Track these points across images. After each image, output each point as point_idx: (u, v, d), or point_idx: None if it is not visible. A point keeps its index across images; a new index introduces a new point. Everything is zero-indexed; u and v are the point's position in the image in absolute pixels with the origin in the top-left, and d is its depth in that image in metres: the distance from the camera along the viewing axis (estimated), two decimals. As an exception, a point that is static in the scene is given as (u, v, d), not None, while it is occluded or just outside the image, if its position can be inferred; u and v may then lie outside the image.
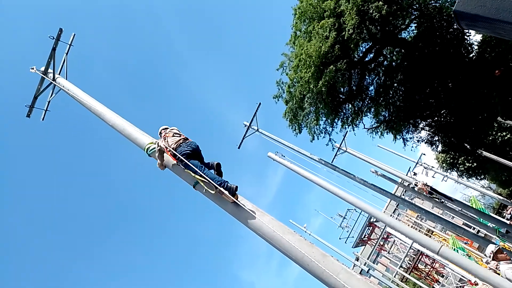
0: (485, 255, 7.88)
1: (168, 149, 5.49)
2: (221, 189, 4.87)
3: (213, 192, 5.00)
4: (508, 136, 25.15)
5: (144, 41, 70.64)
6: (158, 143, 5.65)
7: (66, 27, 8.45)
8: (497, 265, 7.97)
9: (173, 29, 74.60)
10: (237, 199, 4.91)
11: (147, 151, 6.08)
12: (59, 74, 8.65)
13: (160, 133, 5.93)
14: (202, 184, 5.12)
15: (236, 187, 4.91)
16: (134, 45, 68.52)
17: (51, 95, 8.84)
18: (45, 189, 53.47)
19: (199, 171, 5.07)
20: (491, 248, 7.11)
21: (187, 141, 5.63)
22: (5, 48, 41.78)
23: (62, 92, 8.44)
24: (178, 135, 5.72)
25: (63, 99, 8.71)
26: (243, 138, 18.76)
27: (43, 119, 9.03)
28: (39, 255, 50.98)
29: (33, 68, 8.50)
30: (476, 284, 22.73)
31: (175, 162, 5.56)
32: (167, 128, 5.95)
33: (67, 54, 8.82)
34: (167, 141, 5.59)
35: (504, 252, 6.96)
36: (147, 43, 71.16)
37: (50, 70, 8.65)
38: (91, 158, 61.45)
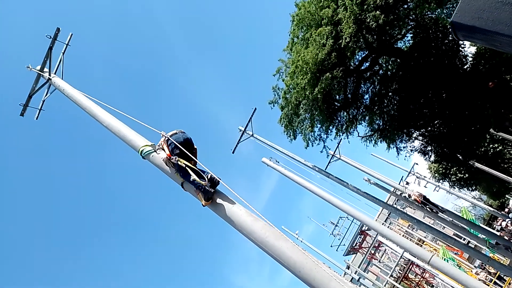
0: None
1: (164, 139, 5.51)
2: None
3: (203, 183, 5.02)
4: (500, 148, 25.45)
5: (142, 43, 70.53)
6: (159, 144, 5.69)
7: (64, 27, 8.43)
8: None
9: (171, 32, 74.63)
10: (210, 203, 5.07)
11: (141, 153, 6.04)
12: (55, 73, 8.61)
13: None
14: (194, 175, 5.02)
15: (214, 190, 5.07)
16: (131, 47, 68.35)
17: (46, 94, 8.80)
18: (38, 189, 52.92)
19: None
20: None
21: (183, 133, 5.59)
22: (1, 46, 41.47)
23: (57, 91, 8.40)
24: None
25: (58, 99, 8.66)
26: (238, 143, 18.74)
27: (37, 118, 8.97)
28: (33, 255, 50.34)
29: (29, 67, 8.46)
30: (466, 295, 22.83)
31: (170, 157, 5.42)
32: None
33: (63, 53, 8.79)
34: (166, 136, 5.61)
35: None
36: (145, 45, 71.04)
37: (46, 69, 8.62)
38: (85, 158, 60.96)
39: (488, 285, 20.41)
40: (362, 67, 17.24)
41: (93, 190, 62.68)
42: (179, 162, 5.17)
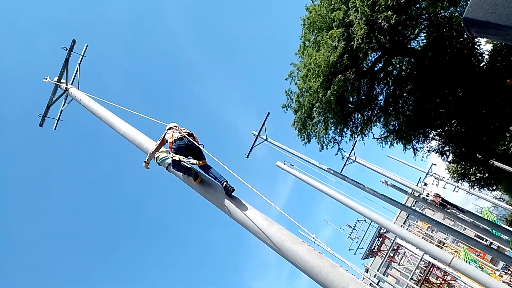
0: None
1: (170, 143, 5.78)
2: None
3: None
4: (521, 146, 24.76)
5: (156, 50, 71.63)
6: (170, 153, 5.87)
7: (80, 38, 8.62)
8: None
9: (185, 39, 75.58)
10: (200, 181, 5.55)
11: (156, 160, 6.12)
12: (71, 84, 8.80)
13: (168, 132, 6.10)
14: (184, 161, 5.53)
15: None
16: (146, 55, 69.47)
17: (64, 105, 9.00)
18: (57, 198, 53.98)
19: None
20: None
21: (183, 139, 5.77)
22: (19, 58, 42.69)
23: (74, 102, 8.58)
24: (178, 132, 5.90)
25: (75, 109, 8.85)
26: (252, 148, 18.75)
27: (55, 128, 9.18)
28: (52, 261, 51.32)
29: (46, 78, 8.67)
30: (490, 298, 22.22)
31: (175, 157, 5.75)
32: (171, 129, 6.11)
33: (79, 64, 8.99)
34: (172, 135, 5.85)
35: None
36: (160, 52, 72.11)
37: (63, 80, 8.82)
38: (103, 166, 61.95)
39: (513, 287, 19.81)
40: (376, 68, 17.09)
41: (111, 196, 63.63)
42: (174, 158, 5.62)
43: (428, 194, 16.70)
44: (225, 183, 5.26)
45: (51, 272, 50.73)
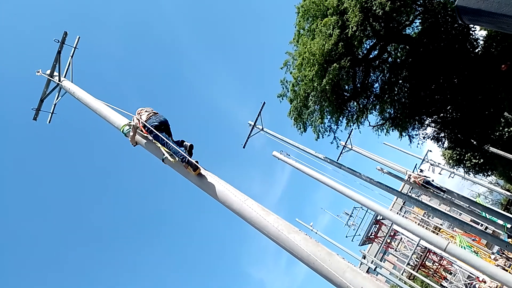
0: None
1: (140, 122, 5.84)
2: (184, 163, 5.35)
3: (173, 160, 5.45)
4: (515, 131, 24.89)
5: (151, 40, 70.96)
6: (133, 119, 6.05)
7: (72, 30, 8.49)
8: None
9: (180, 28, 74.87)
10: (199, 172, 5.33)
11: (123, 131, 6.49)
12: (64, 76, 8.71)
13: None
14: (166, 154, 5.48)
15: (196, 161, 5.32)
16: (141, 44, 68.89)
17: (57, 98, 8.91)
18: (51, 192, 53.90)
19: (166, 140, 5.45)
20: None
21: (157, 114, 5.99)
22: (11, 51, 42.18)
23: (68, 94, 8.50)
24: (150, 111, 6.08)
25: (69, 102, 8.78)
26: (248, 138, 18.78)
27: (49, 122, 9.10)
28: (45, 254, 51.50)
29: (38, 71, 8.56)
30: (485, 282, 22.58)
31: (146, 135, 5.89)
32: (143, 109, 6.28)
33: (72, 57, 8.87)
34: (140, 116, 5.96)
35: None
36: (155, 42, 71.46)
37: (55, 73, 8.71)
38: (98, 160, 61.82)
39: (507, 271, 20.15)
40: (371, 56, 17.03)
41: (107, 189, 63.66)
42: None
43: (410, 175, 16.87)
44: (189, 145, 5.53)
45: (45, 270, 50.96)
